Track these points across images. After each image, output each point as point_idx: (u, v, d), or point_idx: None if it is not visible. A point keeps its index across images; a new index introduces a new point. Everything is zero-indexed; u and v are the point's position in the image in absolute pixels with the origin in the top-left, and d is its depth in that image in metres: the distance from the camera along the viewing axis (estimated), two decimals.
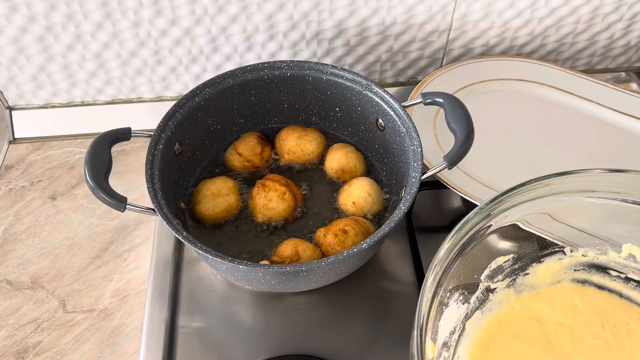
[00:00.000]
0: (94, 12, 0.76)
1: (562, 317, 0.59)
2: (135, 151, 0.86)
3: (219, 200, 0.69)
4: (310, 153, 0.75)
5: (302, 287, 0.65)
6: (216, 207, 0.69)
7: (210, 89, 0.70)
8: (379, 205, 0.70)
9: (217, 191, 0.70)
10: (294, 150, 0.74)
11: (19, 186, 0.82)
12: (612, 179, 0.56)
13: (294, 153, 0.75)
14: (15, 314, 0.69)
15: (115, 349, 0.66)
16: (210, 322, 0.67)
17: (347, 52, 0.86)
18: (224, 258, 0.55)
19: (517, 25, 0.86)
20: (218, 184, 0.70)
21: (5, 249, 0.75)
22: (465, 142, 0.61)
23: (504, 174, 0.75)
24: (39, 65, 0.82)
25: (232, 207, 0.70)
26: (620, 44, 0.92)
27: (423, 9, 0.81)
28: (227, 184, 0.71)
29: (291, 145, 0.74)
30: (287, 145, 0.75)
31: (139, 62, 0.84)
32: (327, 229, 0.66)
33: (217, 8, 0.78)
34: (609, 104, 0.83)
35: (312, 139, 0.75)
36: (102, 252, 0.74)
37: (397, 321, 0.66)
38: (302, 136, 0.75)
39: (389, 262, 0.72)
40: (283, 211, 0.69)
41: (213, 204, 0.69)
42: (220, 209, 0.69)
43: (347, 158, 0.73)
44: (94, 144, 0.61)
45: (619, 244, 0.60)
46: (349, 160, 0.73)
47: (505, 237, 0.59)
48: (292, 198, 0.70)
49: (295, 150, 0.74)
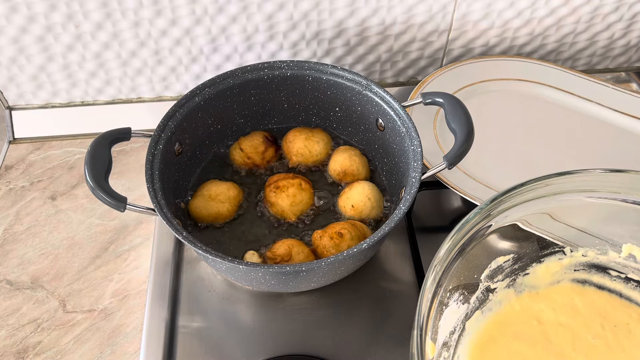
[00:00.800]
0: (94, 12, 0.76)
1: (562, 317, 0.59)
2: (135, 151, 0.86)
3: (210, 204, 0.69)
4: (318, 154, 0.75)
5: (302, 287, 0.65)
6: (204, 210, 0.69)
7: (210, 89, 0.70)
8: (378, 210, 0.70)
9: (214, 195, 0.69)
10: (302, 152, 0.74)
11: (19, 186, 0.82)
12: (612, 179, 0.56)
13: (302, 155, 0.75)
14: (15, 314, 0.69)
15: (115, 349, 0.66)
16: (210, 322, 0.67)
17: (347, 52, 0.86)
18: (224, 258, 0.55)
19: (517, 25, 0.86)
20: (219, 189, 0.70)
21: (5, 249, 0.75)
22: (465, 142, 0.61)
23: (504, 174, 0.75)
24: (39, 65, 0.82)
25: (221, 215, 0.69)
26: (620, 44, 0.92)
27: (423, 9, 0.81)
28: (229, 192, 0.70)
29: (299, 147, 0.75)
30: (295, 147, 0.75)
31: (139, 62, 0.84)
32: (324, 231, 0.66)
33: (217, 8, 0.78)
34: (609, 104, 0.83)
35: (319, 140, 0.75)
36: (102, 252, 0.74)
37: (397, 321, 0.66)
38: (309, 137, 0.75)
39: (389, 262, 0.72)
40: (309, 199, 0.70)
41: (203, 205, 0.69)
42: (208, 213, 0.69)
43: (351, 161, 0.73)
44: (94, 144, 0.61)
45: (619, 244, 0.60)
46: (352, 163, 0.73)
47: (505, 237, 0.59)
48: (308, 184, 0.71)
49: (304, 152, 0.74)
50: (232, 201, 0.70)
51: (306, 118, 0.78)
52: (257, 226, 0.70)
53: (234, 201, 0.70)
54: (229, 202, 0.70)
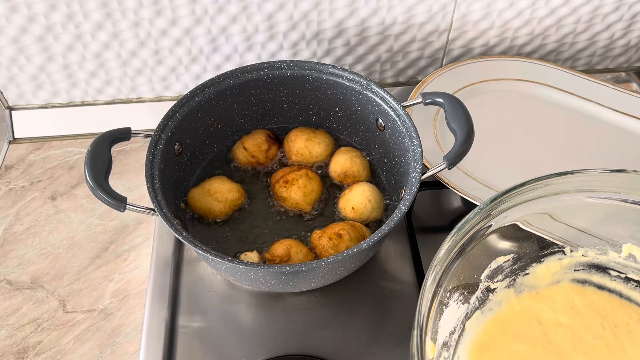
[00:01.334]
0: (94, 12, 0.76)
1: (562, 317, 0.59)
2: (135, 151, 0.86)
3: (206, 199, 0.69)
4: (318, 155, 0.75)
5: (302, 287, 0.65)
6: (198, 202, 0.70)
7: (210, 89, 0.70)
8: (378, 212, 0.70)
9: (213, 191, 0.70)
10: (302, 152, 0.74)
11: (19, 186, 0.82)
12: (612, 179, 0.56)
13: (302, 155, 0.75)
14: (15, 314, 0.69)
15: (115, 349, 0.66)
16: (210, 322, 0.67)
17: (347, 52, 0.86)
18: (224, 258, 0.55)
19: (517, 25, 0.86)
20: (220, 187, 0.70)
21: (5, 249, 0.75)
22: (465, 142, 0.61)
23: (504, 174, 0.75)
24: (39, 65, 0.82)
25: (212, 213, 0.70)
26: (620, 44, 0.92)
27: (423, 9, 0.81)
28: (228, 194, 0.70)
29: (299, 147, 0.75)
30: (296, 146, 0.75)
31: (139, 62, 0.84)
32: (323, 231, 0.66)
33: (217, 8, 0.78)
34: (609, 104, 0.83)
35: (320, 142, 0.75)
36: (102, 252, 0.74)
37: (397, 321, 0.66)
38: (310, 138, 0.75)
39: (389, 262, 0.72)
40: (319, 187, 0.72)
41: (198, 197, 0.70)
42: (201, 205, 0.70)
43: (352, 162, 0.73)
44: (94, 144, 0.61)
45: (619, 244, 0.60)
46: (353, 165, 0.72)
47: (505, 237, 0.59)
48: (314, 173, 0.72)
49: (303, 152, 0.74)
50: (227, 203, 0.70)
51: (306, 118, 0.78)
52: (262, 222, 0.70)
53: (230, 203, 0.70)
54: (224, 203, 0.70)
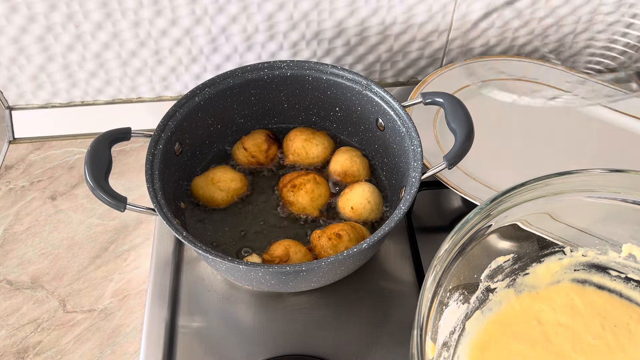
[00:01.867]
0: (94, 12, 0.76)
1: (562, 317, 0.59)
2: (135, 151, 0.86)
3: (209, 187, 0.70)
4: (315, 157, 0.75)
5: (302, 287, 0.65)
6: (201, 190, 0.71)
7: (210, 89, 0.70)
8: (378, 213, 0.70)
9: (216, 180, 0.71)
10: (299, 152, 0.74)
11: (19, 186, 0.82)
12: (612, 179, 0.56)
13: (299, 155, 0.75)
14: (15, 314, 0.69)
15: (115, 349, 0.66)
16: (210, 322, 0.67)
17: (347, 52, 0.86)
18: (224, 258, 0.55)
19: (517, 25, 0.86)
20: (223, 176, 0.71)
21: (5, 249, 0.75)
22: (465, 142, 0.61)
23: (504, 174, 0.75)
24: (39, 65, 0.82)
25: (214, 202, 0.71)
26: (620, 44, 0.92)
27: (423, 9, 0.81)
28: (231, 183, 0.71)
29: (297, 147, 0.75)
30: (293, 146, 0.75)
31: (139, 62, 0.84)
32: (322, 231, 0.66)
33: (217, 8, 0.78)
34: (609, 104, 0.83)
35: (318, 143, 0.75)
36: (102, 252, 0.74)
37: (397, 321, 0.66)
38: (309, 139, 0.75)
39: (389, 262, 0.72)
40: (326, 191, 0.71)
41: (201, 185, 0.71)
42: (204, 193, 0.71)
43: (352, 162, 0.73)
44: (94, 144, 0.61)
45: (619, 244, 0.60)
46: (352, 164, 0.72)
47: (505, 237, 0.59)
48: (322, 177, 0.72)
49: (300, 152, 0.74)
50: (230, 192, 0.71)
51: (306, 118, 0.78)
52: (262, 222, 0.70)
53: (233, 192, 0.71)
54: (227, 192, 0.71)
